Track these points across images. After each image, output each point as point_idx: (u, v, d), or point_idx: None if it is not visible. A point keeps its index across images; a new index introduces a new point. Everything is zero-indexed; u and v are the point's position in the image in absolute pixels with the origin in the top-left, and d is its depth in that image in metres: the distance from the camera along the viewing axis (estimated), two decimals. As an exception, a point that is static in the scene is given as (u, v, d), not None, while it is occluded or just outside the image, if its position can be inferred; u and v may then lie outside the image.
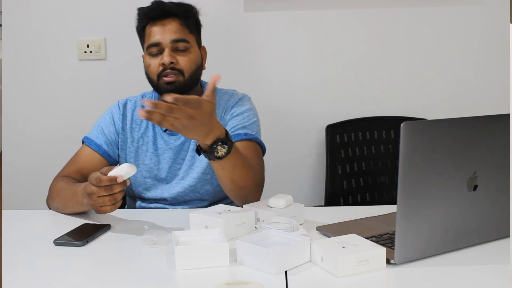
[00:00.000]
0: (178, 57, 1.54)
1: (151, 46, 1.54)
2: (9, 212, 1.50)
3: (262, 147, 1.61)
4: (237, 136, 1.55)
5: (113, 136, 1.63)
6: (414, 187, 1.01)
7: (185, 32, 1.56)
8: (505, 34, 2.22)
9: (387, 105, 2.27)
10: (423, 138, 1.01)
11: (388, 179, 2.18)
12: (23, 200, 2.33)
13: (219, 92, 1.66)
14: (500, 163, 1.11)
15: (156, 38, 1.54)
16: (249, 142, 1.56)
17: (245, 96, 1.67)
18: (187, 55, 1.56)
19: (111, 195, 1.25)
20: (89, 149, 1.61)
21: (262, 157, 1.60)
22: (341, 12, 2.23)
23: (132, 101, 1.68)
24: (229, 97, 1.65)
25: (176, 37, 1.54)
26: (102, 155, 1.61)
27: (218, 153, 1.27)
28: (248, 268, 1.05)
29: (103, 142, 1.62)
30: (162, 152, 1.61)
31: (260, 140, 1.60)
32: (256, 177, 1.45)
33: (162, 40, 1.54)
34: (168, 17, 1.55)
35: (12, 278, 1.04)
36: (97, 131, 1.64)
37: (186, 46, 1.56)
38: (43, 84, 2.31)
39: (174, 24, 1.55)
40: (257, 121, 1.64)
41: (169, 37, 1.53)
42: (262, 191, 1.51)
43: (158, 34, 1.54)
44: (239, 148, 1.41)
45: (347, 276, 1.00)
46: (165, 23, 1.55)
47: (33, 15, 2.26)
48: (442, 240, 1.09)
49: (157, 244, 1.19)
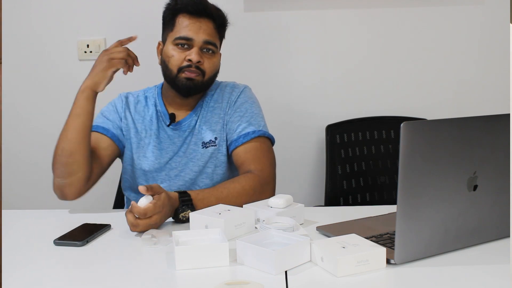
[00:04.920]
0: (205, 58, 1.56)
1: (181, 39, 1.54)
2: (9, 212, 1.49)
3: (271, 139, 1.63)
4: (246, 136, 1.57)
5: (118, 122, 1.64)
6: (414, 187, 1.01)
7: (216, 37, 1.58)
8: (505, 34, 2.22)
9: (387, 105, 2.28)
10: (423, 138, 1.01)
11: (388, 179, 2.18)
12: (23, 200, 2.33)
13: (220, 85, 1.68)
14: (500, 163, 1.11)
15: (189, 33, 1.54)
16: (258, 139, 1.58)
17: (246, 88, 1.69)
18: (212, 59, 1.57)
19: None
20: (96, 134, 1.59)
21: (272, 150, 1.62)
22: (341, 12, 2.24)
23: (134, 95, 1.70)
24: (231, 89, 1.67)
25: (209, 39, 1.55)
26: (111, 137, 1.60)
27: (185, 216, 1.34)
28: (248, 268, 1.05)
29: (111, 126, 1.62)
30: (166, 146, 1.62)
31: (269, 134, 1.62)
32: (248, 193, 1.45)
33: (195, 37, 1.54)
34: (206, 17, 1.56)
35: (12, 278, 1.04)
36: (101, 118, 1.64)
37: (214, 50, 1.58)
38: (43, 84, 2.31)
39: (209, 25, 1.56)
40: (260, 112, 1.66)
41: (203, 37, 1.54)
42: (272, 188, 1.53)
43: (192, 30, 1.54)
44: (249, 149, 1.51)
45: (347, 276, 1.00)
46: (202, 21, 1.55)
47: (33, 15, 2.27)
48: (442, 240, 1.09)
49: (157, 244, 1.19)
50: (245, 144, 1.57)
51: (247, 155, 1.56)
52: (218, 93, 1.66)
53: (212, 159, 1.61)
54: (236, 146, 1.58)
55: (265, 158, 1.56)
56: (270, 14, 2.24)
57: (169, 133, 1.63)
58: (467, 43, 2.25)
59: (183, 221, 1.34)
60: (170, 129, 1.63)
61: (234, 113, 1.62)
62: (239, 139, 1.58)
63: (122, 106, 1.65)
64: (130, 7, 2.26)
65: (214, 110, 1.64)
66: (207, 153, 1.61)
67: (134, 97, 1.69)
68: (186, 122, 1.63)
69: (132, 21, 2.26)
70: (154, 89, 1.71)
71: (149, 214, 1.25)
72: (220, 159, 1.62)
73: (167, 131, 1.63)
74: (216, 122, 1.63)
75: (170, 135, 1.63)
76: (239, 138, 1.58)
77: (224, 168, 1.63)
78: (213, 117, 1.63)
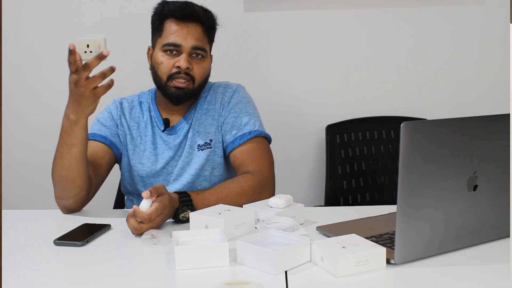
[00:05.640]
0: (194, 63, 1.55)
1: (169, 45, 1.53)
2: (9, 212, 1.49)
3: (268, 138, 1.62)
4: (242, 138, 1.57)
5: (115, 129, 1.63)
6: (414, 187, 1.01)
7: (205, 41, 1.57)
8: (505, 34, 2.22)
9: (387, 105, 2.27)
10: (423, 138, 1.01)
11: (388, 179, 2.18)
12: (23, 200, 2.33)
13: (213, 86, 1.67)
14: (500, 163, 1.11)
15: (177, 39, 1.52)
16: (255, 140, 1.58)
17: (239, 87, 1.67)
18: (201, 64, 1.56)
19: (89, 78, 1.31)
20: (94, 142, 1.58)
21: (270, 149, 1.61)
22: (341, 12, 2.24)
23: (128, 100, 1.68)
24: (223, 89, 1.65)
25: (198, 45, 1.54)
26: (109, 145, 1.60)
27: (185, 217, 1.34)
28: (248, 268, 1.05)
29: (108, 134, 1.61)
30: (161, 152, 1.62)
31: (265, 133, 1.61)
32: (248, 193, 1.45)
33: (183, 43, 1.52)
34: (193, 21, 1.54)
35: (12, 278, 1.04)
36: (98, 126, 1.63)
37: (203, 55, 1.56)
38: (44, 84, 2.31)
39: (197, 30, 1.54)
40: (255, 111, 1.65)
41: (191, 43, 1.53)
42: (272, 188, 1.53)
43: (180, 36, 1.52)
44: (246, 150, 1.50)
45: (347, 276, 1.00)
46: (190, 26, 1.53)
47: (33, 15, 2.27)
48: (442, 240, 1.09)
49: (157, 244, 1.19)
50: (242, 146, 1.56)
51: (244, 157, 1.55)
52: (211, 95, 1.65)
53: (209, 162, 1.61)
54: (233, 148, 1.57)
55: (263, 158, 1.56)
56: (270, 14, 2.24)
57: (164, 138, 1.62)
58: (467, 43, 2.25)
59: (183, 221, 1.34)
60: (165, 134, 1.62)
61: (229, 114, 1.61)
62: (236, 141, 1.57)
63: (117, 113, 1.65)
64: (130, 7, 2.26)
65: (208, 112, 1.63)
66: (203, 156, 1.60)
67: (128, 102, 1.68)
68: (181, 126, 1.62)
69: (132, 21, 2.26)
70: (148, 94, 1.70)
71: (153, 218, 1.25)
72: (217, 161, 1.62)
73: (162, 136, 1.63)
74: (210, 124, 1.62)
75: (165, 140, 1.62)
76: (236, 140, 1.57)
77: (222, 170, 1.63)
78: (207, 119, 1.62)
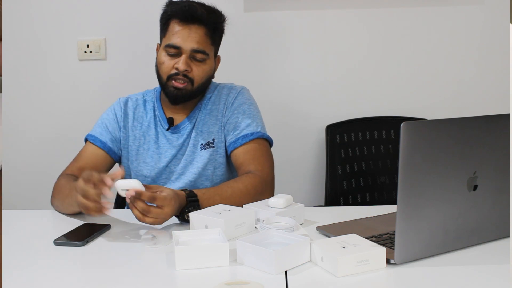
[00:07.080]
0: (193, 66, 1.55)
1: (170, 46, 1.54)
2: (9, 212, 1.49)
3: (270, 141, 1.63)
4: (245, 138, 1.57)
5: (117, 133, 1.64)
6: (414, 187, 1.01)
7: (207, 43, 1.56)
8: (505, 34, 2.22)
9: (387, 105, 2.27)
10: (423, 138, 1.01)
11: (388, 179, 2.18)
12: (23, 200, 2.33)
13: (218, 87, 1.68)
14: (500, 163, 1.11)
15: (177, 41, 1.53)
16: (257, 141, 1.58)
17: (243, 89, 1.68)
18: (201, 66, 1.56)
19: (96, 201, 1.20)
20: (93, 146, 1.61)
21: (270, 151, 1.62)
22: (340, 12, 2.24)
23: (133, 99, 1.69)
24: (228, 91, 1.66)
25: (197, 48, 1.54)
26: (107, 152, 1.61)
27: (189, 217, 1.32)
28: (248, 268, 1.05)
29: (108, 140, 1.62)
30: (165, 151, 1.62)
31: (267, 135, 1.62)
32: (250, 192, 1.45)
33: (183, 45, 1.53)
34: (196, 23, 1.54)
35: (12, 278, 1.04)
36: (101, 128, 1.64)
37: (204, 58, 1.56)
38: (43, 84, 2.31)
39: (199, 32, 1.54)
40: (258, 113, 1.66)
41: (191, 45, 1.53)
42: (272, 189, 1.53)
43: (181, 38, 1.53)
44: (247, 150, 1.50)
45: (347, 276, 1.00)
46: (192, 27, 1.53)
47: (33, 15, 2.26)
48: (442, 240, 1.09)
49: (157, 244, 1.19)
50: (244, 146, 1.57)
51: (246, 156, 1.56)
52: (215, 95, 1.66)
53: (211, 161, 1.61)
54: (234, 147, 1.58)
55: (264, 158, 1.56)
56: (270, 14, 2.24)
57: (168, 136, 1.63)
58: (467, 43, 2.25)
59: (188, 221, 1.33)
60: (169, 132, 1.63)
61: (232, 114, 1.62)
62: (238, 140, 1.58)
63: (121, 114, 1.65)
64: (130, 7, 2.26)
65: (212, 112, 1.64)
66: (205, 155, 1.61)
67: (133, 101, 1.68)
68: (184, 125, 1.63)
69: (132, 21, 2.26)
70: (153, 92, 1.71)
71: (159, 202, 1.22)
72: (219, 161, 1.62)
73: (165, 135, 1.63)
74: (213, 124, 1.63)
75: (169, 138, 1.63)
76: (238, 140, 1.58)
77: (223, 170, 1.63)
78: (210, 119, 1.63)
